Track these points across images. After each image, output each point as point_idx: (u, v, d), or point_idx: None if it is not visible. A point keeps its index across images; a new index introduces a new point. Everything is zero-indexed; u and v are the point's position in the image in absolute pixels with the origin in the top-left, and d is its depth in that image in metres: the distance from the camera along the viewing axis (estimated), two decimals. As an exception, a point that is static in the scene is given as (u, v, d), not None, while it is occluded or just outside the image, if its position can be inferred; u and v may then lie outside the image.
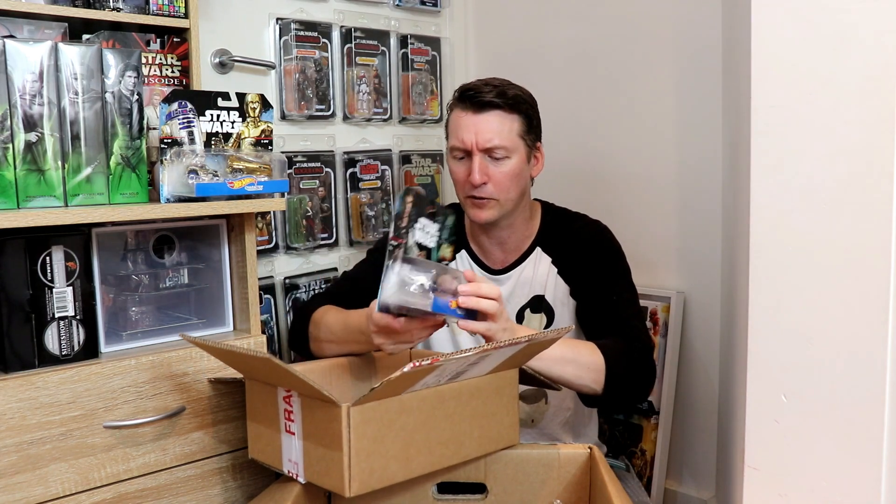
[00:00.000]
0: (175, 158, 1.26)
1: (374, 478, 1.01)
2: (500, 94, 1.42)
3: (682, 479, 1.88)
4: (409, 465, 1.05)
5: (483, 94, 1.42)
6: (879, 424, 0.92)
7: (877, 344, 0.92)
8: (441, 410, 1.08)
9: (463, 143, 1.43)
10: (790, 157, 0.98)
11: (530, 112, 1.47)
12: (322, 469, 1.03)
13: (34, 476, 1.13)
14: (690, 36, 1.79)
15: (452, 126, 1.47)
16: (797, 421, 0.99)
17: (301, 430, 1.06)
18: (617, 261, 1.49)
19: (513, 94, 1.44)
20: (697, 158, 1.80)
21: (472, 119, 1.43)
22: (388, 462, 1.02)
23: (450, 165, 1.50)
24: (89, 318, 1.22)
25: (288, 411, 1.08)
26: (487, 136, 1.41)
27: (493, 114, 1.42)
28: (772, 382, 1.02)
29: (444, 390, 1.07)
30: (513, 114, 1.43)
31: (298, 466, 1.07)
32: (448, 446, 1.09)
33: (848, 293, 0.94)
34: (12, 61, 1.16)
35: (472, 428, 1.12)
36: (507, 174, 1.43)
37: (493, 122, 1.42)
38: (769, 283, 1.02)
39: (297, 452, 1.07)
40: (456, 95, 1.48)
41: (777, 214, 1.00)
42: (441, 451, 1.09)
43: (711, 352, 1.81)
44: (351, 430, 0.98)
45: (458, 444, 1.11)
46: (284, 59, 1.86)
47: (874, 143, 0.91)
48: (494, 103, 1.42)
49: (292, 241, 1.89)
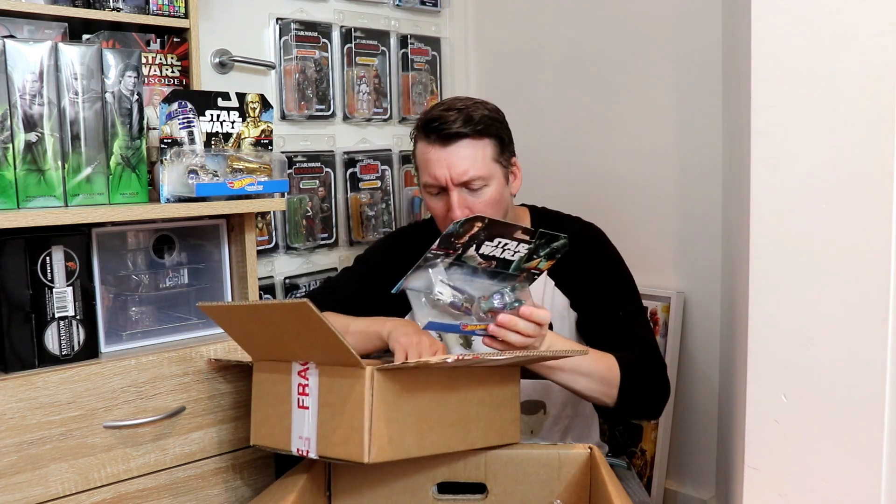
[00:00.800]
0: (175, 158, 1.26)
1: (391, 446, 1.01)
2: (466, 120, 1.34)
3: (682, 479, 1.88)
4: (422, 440, 1.06)
5: (448, 124, 1.33)
6: (879, 424, 0.92)
7: (877, 344, 0.92)
8: (452, 391, 1.09)
9: (437, 179, 1.35)
10: (790, 157, 0.98)
11: (500, 132, 1.39)
12: (339, 438, 1.02)
13: (34, 476, 1.13)
14: (690, 36, 1.79)
15: (421, 161, 1.39)
16: (797, 421, 0.99)
17: (317, 402, 1.06)
18: (617, 267, 1.44)
19: (479, 116, 1.35)
20: (697, 159, 1.80)
21: (442, 153, 1.34)
22: (405, 432, 1.03)
23: (426, 201, 1.42)
24: (89, 318, 1.22)
25: (303, 385, 1.08)
26: (461, 169, 1.33)
27: (463, 144, 1.34)
28: (772, 382, 1.02)
29: (458, 373, 1.10)
30: (483, 139, 1.35)
31: (311, 442, 1.06)
32: (457, 429, 1.10)
33: (848, 293, 0.94)
34: (12, 61, 1.16)
35: (479, 414, 1.13)
36: (487, 202, 1.36)
37: (464, 153, 1.34)
38: (769, 283, 1.02)
39: (311, 426, 1.06)
40: (420, 126, 1.39)
41: (777, 214, 1.00)
42: (451, 433, 1.10)
43: (711, 352, 1.80)
44: (374, 393, 0.99)
45: (465, 430, 1.12)
46: (284, 59, 1.86)
47: (874, 143, 0.91)
48: (462, 133, 1.33)
49: (292, 241, 1.89)
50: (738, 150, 1.37)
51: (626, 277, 1.44)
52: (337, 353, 1.01)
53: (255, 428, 1.16)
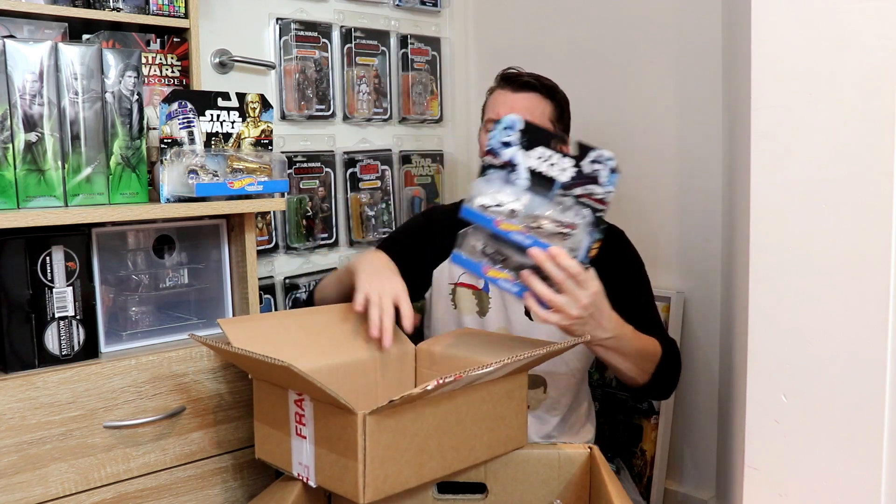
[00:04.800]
0: (175, 158, 1.26)
1: (387, 484, 1.00)
2: (536, 79, 1.52)
3: (682, 479, 1.88)
4: (421, 470, 1.04)
5: (522, 76, 1.52)
6: (879, 424, 0.92)
7: (877, 344, 0.92)
8: (454, 416, 1.07)
9: (498, 115, 1.41)
10: (790, 157, 0.98)
11: (563, 105, 1.54)
12: (335, 475, 1.02)
13: (34, 476, 1.13)
14: (690, 36, 1.79)
15: (490, 104, 1.54)
16: (797, 421, 0.99)
17: (313, 435, 1.05)
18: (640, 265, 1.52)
19: (549, 83, 1.53)
20: (697, 159, 1.80)
21: (510, 96, 1.50)
22: (402, 468, 1.02)
23: (480, 138, 1.55)
24: (89, 318, 1.22)
25: (299, 415, 1.07)
26: (522, 112, 1.39)
27: (530, 95, 1.49)
28: (772, 382, 1.02)
29: (458, 396, 1.07)
30: (547, 99, 1.51)
31: (309, 470, 1.07)
32: (459, 451, 1.09)
33: (848, 293, 0.94)
34: (12, 61, 1.16)
35: (482, 431, 1.12)
36: None
37: (528, 101, 1.49)
38: (769, 283, 1.02)
39: (309, 456, 1.06)
40: (497, 78, 1.56)
41: (777, 214, 1.00)
42: (452, 456, 1.08)
43: (711, 352, 1.80)
44: (367, 438, 0.97)
45: (468, 449, 1.10)
46: (284, 59, 1.86)
47: (874, 143, 0.91)
48: (532, 85, 1.50)
49: (292, 241, 1.89)
50: (738, 150, 1.37)
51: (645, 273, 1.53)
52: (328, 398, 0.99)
53: (259, 443, 1.17)
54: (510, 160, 1.18)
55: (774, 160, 1.00)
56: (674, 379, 1.43)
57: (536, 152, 1.17)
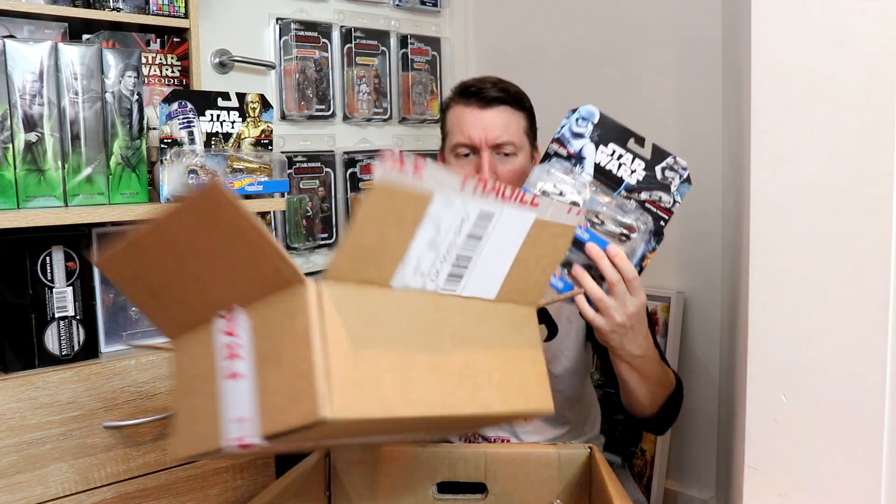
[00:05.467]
0: (175, 158, 1.26)
1: (363, 394, 0.69)
2: (503, 90, 1.37)
3: (682, 479, 1.88)
4: (411, 394, 0.74)
5: (488, 89, 1.36)
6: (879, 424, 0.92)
7: (877, 344, 0.92)
8: (445, 325, 0.80)
9: (471, 139, 1.35)
10: (790, 157, 0.98)
11: (531, 112, 1.44)
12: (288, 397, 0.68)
13: (34, 476, 1.13)
14: (690, 36, 1.79)
15: (454, 122, 1.38)
16: (797, 421, 0.99)
17: (253, 358, 0.72)
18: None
19: (515, 91, 1.39)
20: (697, 158, 1.79)
21: (479, 114, 1.35)
22: (382, 378, 0.72)
23: (451, 164, 1.39)
24: (89, 318, 1.22)
25: (231, 346, 0.74)
26: (496, 132, 1.34)
27: (501, 109, 1.36)
28: (772, 382, 1.02)
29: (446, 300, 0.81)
30: (519, 111, 1.38)
31: (252, 421, 0.71)
32: (462, 382, 0.80)
33: (848, 293, 0.94)
34: (12, 61, 1.16)
35: (489, 364, 0.84)
36: (514, 172, 1.36)
37: (501, 117, 1.35)
38: (769, 283, 1.02)
39: (248, 398, 0.72)
40: (456, 91, 1.40)
41: (777, 214, 1.00)
42: (454, 388, 0.79)
43: (711, 352, 1.80)
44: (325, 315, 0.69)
45: (474, 385, 0.81)
46: (284, 59, 1.86)
47: (874, 143, 0.91)
48: (501, 98, 1.36)
49: (292, 241, 1.89)
50: (738, 150, 1.37)
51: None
52: (267, 270, 0.71)
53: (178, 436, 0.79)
54: (578, 152, 1.14)
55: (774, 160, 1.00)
56: (675, 415, 1.36)
57: (608, 148, 1.13)
